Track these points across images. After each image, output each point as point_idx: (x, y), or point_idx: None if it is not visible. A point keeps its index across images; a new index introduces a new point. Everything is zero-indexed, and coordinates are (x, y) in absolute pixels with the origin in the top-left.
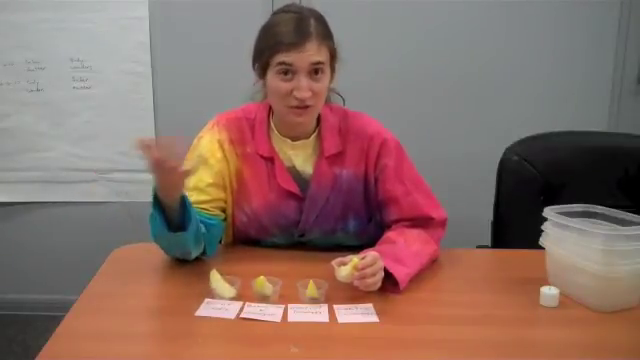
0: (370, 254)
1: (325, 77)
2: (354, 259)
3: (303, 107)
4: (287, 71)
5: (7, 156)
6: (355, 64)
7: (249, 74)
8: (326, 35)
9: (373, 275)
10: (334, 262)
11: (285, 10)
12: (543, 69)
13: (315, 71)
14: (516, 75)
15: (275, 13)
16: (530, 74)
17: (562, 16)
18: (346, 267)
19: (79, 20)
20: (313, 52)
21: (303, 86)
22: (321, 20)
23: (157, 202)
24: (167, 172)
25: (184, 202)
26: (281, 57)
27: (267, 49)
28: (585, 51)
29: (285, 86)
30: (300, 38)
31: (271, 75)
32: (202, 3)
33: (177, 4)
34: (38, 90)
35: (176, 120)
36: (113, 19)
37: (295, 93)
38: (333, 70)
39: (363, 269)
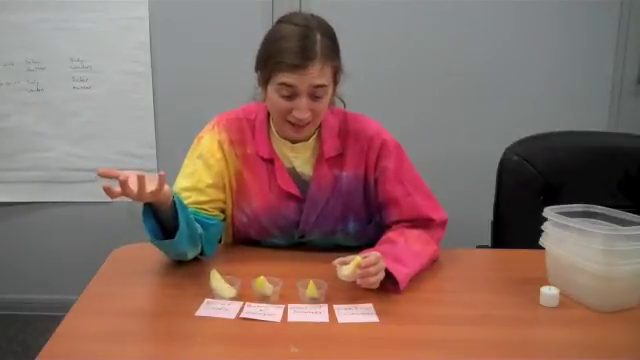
0: (373, 253)
1: (326, 96)
2: (357, 258)
3: (301, 125)
4: (288, 90)
5: (7, 156)
6: (355, 64)
7: (249, 74)
8: (331, 54)
9: (375, 274)
10: (336, 261)
11: (292, 21)
12: (543, 69)
13: (316, 92)
14: (516, 75)
15: (281, 21)
16: (530, 74)
17: (562, 16)
18: (348, 266)
19: (79, 20)
20: (316, 75)
21: (303, 108)
22: (328, 35)
23: (147, 209)
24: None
25: (175, 206)
26: (283, 78)
27: (269, 65)
28: (585, 51)
29: (285, 104)
30: (304, 60)
31: (271, 90)
32: (202, 3)
33: (177, 4)
34: (38, 90)
35: (176, 120)
36: (113, 19)
37: (294, 113)
38: (336, 84)
39: (367, 267)
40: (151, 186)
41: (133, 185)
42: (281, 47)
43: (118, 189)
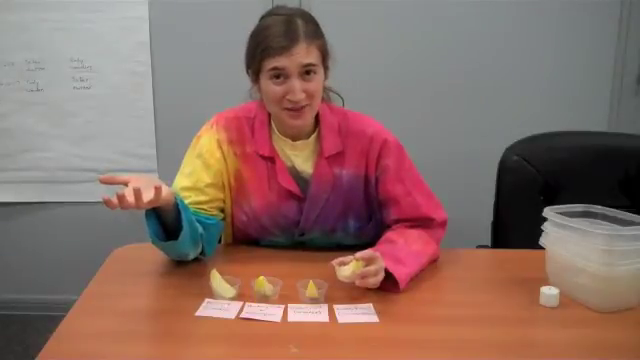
0: (370, 252)
1: (318, 77)
2: (355, 260)
3: (298, 109)
4: (279, 75)
5: (7, 156)
6: (355, 64)
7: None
8: (315, 35)
9: (375, 274)
10: (335, 262)
11: (272, 13)
12: (543, 69)
13: (307, 72)
14: (516, 75)
15: (263, 17)
16: (530, 74)
17: (562, 16)
18: (347, 267)
19: (79, 20)
20: (303, 54)
21: (296, 89)
22: (309, 20)
23: (150, 211)
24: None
25: (178, 207)
26: (272, 62)
27: (257, 54)
28: (585, 51)
29: (278, 90)
30: (289, 41)
31: (264, 80)
32: (202, 3)
33: (177, 4)
34: (38, 90)
35: (176, 120)
36: (113, 19)
37: (289, 96)
38: (326, 68)
39: (366, 261)
40: (148, 195)
41: (130, 197)
42: (266, 35)
43: (116, 201)
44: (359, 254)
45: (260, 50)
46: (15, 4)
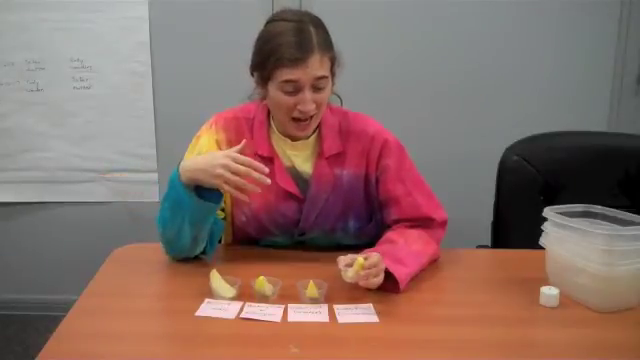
0: (374, 254)
1: (328, 87)
2: (359, 259)
3: (306, 119)
4: (291, 86)
5: (7, 156)
6: (355, 64)
7: (249, 74)
8: (327, 45)
9: (377, 275)
10: (340, 265)
11: (283, 18)
12: (543, 69)
13: (318, 84)
14: (516, 75)
15: (273, 20)
16: (530, 74)
17: (562, 16)
18: (352, 269)
19: (79, 20)
20: (317, 67)
21: (308, 101)
22: (320, 27)
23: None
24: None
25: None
26: (285, 74)
27: (269, 63)
28: (585, 51)
29: (289, 100)
30: (303, 53)
31: (273, 89)
32: (202, 3)
33: (177, 4)
34: (38, 90)
35: (176, 120)
36: (113, 19)
37: (300, 107)
38: (333, 75)
39: (369, 268)
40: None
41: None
42: (279, 44)
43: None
44: (366, 263)
45: (274, 59)
46: (15, 4)
